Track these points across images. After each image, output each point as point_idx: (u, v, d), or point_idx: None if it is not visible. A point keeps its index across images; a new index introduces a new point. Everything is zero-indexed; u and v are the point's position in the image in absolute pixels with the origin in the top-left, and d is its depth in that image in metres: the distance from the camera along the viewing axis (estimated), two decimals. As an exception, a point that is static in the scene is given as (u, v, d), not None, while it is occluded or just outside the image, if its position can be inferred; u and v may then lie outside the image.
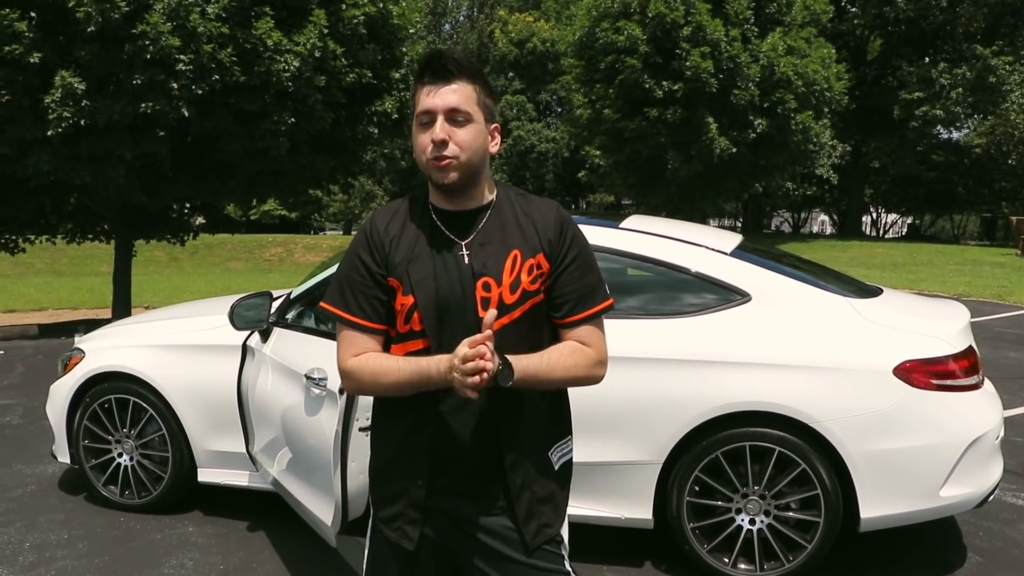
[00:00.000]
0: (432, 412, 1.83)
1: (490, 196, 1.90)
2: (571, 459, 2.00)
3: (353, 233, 50.07)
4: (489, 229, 1.85)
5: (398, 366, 1.79)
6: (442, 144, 1.77)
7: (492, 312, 1.70)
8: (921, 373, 3.44)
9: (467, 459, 1.85)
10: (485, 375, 1.64)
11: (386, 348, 1.88)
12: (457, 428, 1.83)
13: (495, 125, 1.88)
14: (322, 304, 1.92)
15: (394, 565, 1.93)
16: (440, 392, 1.79)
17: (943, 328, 3.68)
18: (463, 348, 1.66)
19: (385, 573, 1.96)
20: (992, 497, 3.67)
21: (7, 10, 9.00)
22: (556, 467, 1.93)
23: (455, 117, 1.79)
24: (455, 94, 1.78)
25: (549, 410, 1.92)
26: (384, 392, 1.83)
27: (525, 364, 1.76)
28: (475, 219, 1.86)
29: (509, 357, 1.73)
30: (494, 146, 1.88)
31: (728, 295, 3.71)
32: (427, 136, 1.79)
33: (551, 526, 1.89)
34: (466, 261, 1.82)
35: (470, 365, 1.64)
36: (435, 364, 1.72)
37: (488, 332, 1.67)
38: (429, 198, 1.90)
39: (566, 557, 1.93)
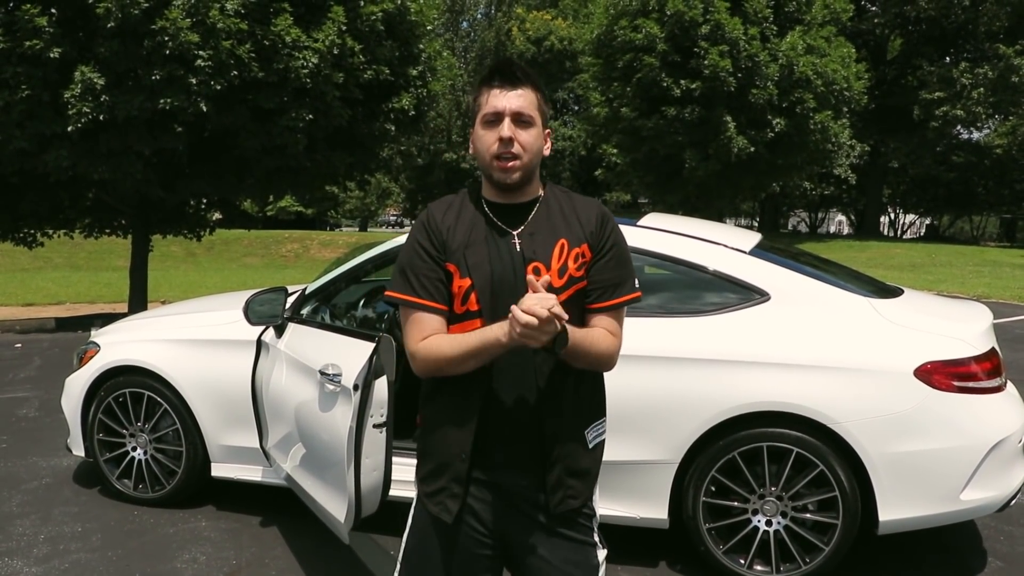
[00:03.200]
0: (482, 391, 1.95)
1: (539, 192, 2.05)
2: (604, 440, 2.12)
3: (370, 230, 50.32)
4: (538, 221, 2.00)
5: (463, 337, 1.91)
6: (509, 142, 1.92)
7: (546, 278, 1.82)
8: (943, 375, 3.39)
9: (520, 435, 1.97)
10: (549, 314, 1.72)
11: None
12: (510, 406, 1.94)
13: (548, 130, 2.04)
14: (387, 292, 2.07)
15: (435, 539, 2.04)
16: (492, 373, 1.93)
17: (965, 329, 3.62)
18: (526, 300, 1.75)
19: (425, 547, 2.06)
20: (1014, 501, 3.62)
21: (28, 5, 9.06)
22: (590, 445, 2.04)
23: (520, 119, 1.94)
24: (521, 98, 1.95)
25: (589, 391, 2.04)
26: (449, 365, 1.92)
27: (575, 333, 1.87)
28: (525, 212, 2.01)
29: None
30: (547, 149, 2.03)
31: (747, 294, 3.67)
32: (493, 134, 1.94)
33: (576, 498, 2.00)
34: (518, 248, 1.96)
35: (537, 308, 1.72)
36: (497, 327, 1.84)
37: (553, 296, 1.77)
38: (482, 192, 2.05)
39: (595, 529, 2.08)
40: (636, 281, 2.05)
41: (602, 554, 2.09)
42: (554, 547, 2.00)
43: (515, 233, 1.99)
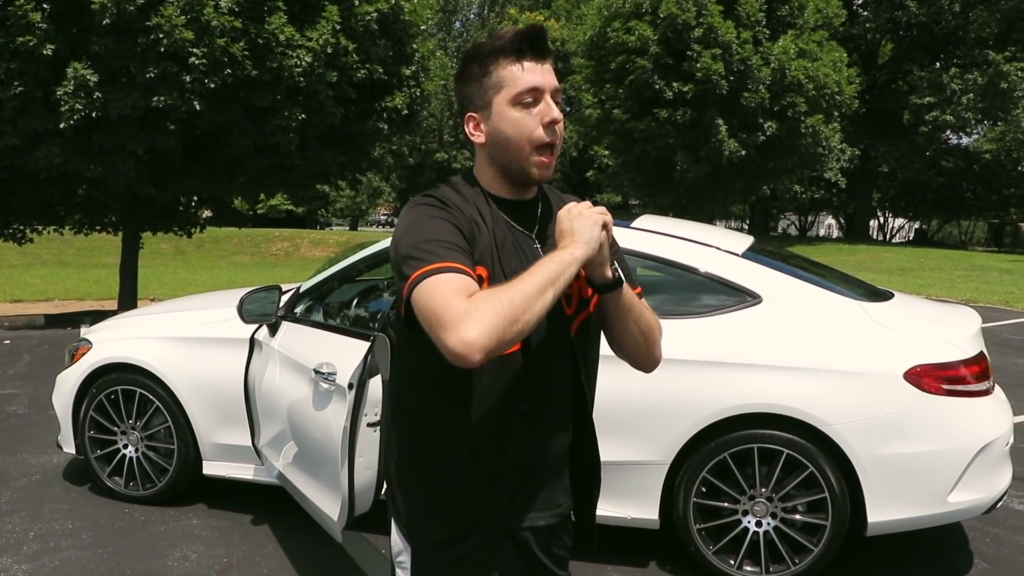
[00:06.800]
0: (508, 420, 1.62)
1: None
2: None
3: (360, 229, 50.19)
4: (545, 222, 1.67)
5: (523, 274, 1.45)
6: (554, 128, 1.55)
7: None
8: (932, 378, 3.42)
9: (546, 468, 1.69)
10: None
11: None
12: (540, 434, 1.66)
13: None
14: (416, 273, 1.53)
15: None
16: (517, 400, 1.62)
17: (954, 333, 3.65)
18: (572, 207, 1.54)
19: None
20: (1000, 504, 3.65)
21: (22, 1, 9.02)
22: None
23: (557, 99, 1.57)
24: (553, 75, 1.57)
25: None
26: (529, 303, 1.38)
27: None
28: (529, 209, 1.67)
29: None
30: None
31: (739, 296, 3.69)
32: (534, 117, 1.54)
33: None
34: (542, 255, 1.56)
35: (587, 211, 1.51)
36: (557, 252, 1.48)
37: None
38: (483, 187, 1.65)
39: None
40: None
41: None
42: None
43: (533, 236, 1.64)
